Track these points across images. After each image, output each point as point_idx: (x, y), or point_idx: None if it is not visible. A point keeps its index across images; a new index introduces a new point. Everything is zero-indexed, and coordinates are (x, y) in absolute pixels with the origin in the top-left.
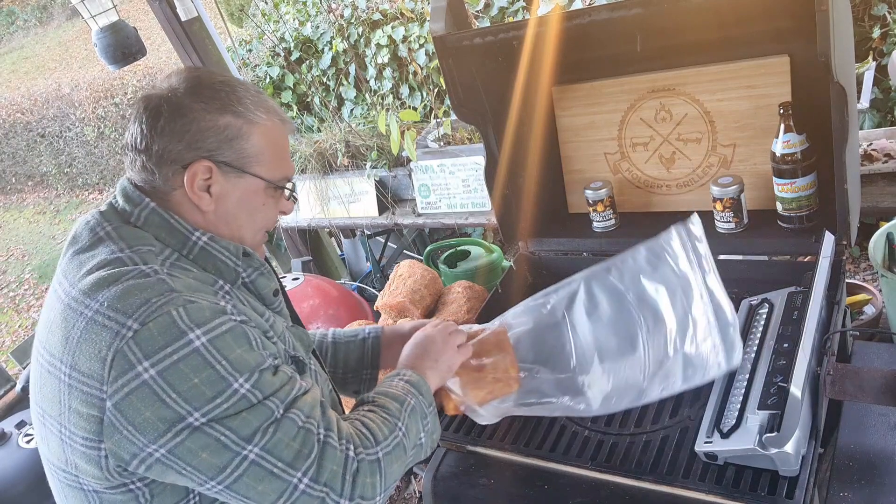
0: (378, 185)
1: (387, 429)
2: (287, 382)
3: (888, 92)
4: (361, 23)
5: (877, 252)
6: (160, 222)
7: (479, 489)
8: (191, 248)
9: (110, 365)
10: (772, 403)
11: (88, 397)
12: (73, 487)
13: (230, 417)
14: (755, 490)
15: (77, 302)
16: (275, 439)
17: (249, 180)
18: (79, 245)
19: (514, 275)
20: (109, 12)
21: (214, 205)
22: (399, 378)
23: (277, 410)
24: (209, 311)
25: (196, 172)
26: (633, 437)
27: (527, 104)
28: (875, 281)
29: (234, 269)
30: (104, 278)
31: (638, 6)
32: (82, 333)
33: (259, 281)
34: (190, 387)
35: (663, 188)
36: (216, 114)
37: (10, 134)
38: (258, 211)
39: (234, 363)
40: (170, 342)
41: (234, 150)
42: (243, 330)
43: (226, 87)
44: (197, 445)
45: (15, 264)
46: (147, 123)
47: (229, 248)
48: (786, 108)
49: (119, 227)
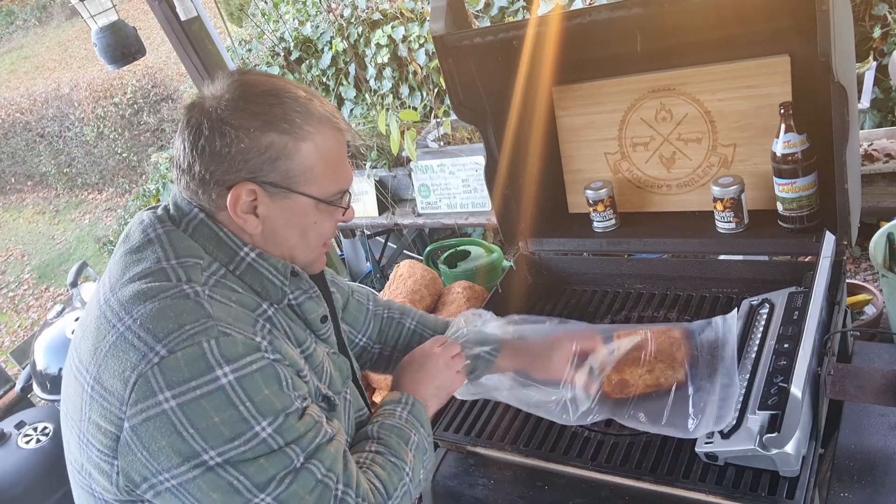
0: (378, 185)
1: (396, 477)
2: (311, 429)
3: (889, 92)
4: (361, 22)
5: (877, 252)
6: (209, 234)
7: (479, 489)
8: (238, 264)
9: (132, 388)
10: (772, 404)
11: (108, 413)
12: (85, 491)
13: (247, 462)
14: (755, 490)
15: (112, 312)
16: (289, 491)
17: (298, 199)
18: (129, 244)
19: (514, 275)
20: (109, 12)
21: (261, 226)
22: (402, 407)
23: (297, 460)
24: (242, 346)
25: (239, 195)
26: (633, 437)
27: (527, 104)
28: (876, 281)
29: (281, 289)
30: (143, 292)
31: (638, 6)
32: (110, 348)
33: (306, 305)
34: (209, 425)
35: (664, 188)
36: (259, 132)
37: (9, 134)
38: (310, 229)
39: (259, 405)
40: (195, 376)
41: (279, 171)
42: (275, 370)
43: (272, 98)
44: (209, 486)
45: (14, 264)
46: (189, 141)
47: (277, 267)
48: (786, 108)
49: (171, 232)
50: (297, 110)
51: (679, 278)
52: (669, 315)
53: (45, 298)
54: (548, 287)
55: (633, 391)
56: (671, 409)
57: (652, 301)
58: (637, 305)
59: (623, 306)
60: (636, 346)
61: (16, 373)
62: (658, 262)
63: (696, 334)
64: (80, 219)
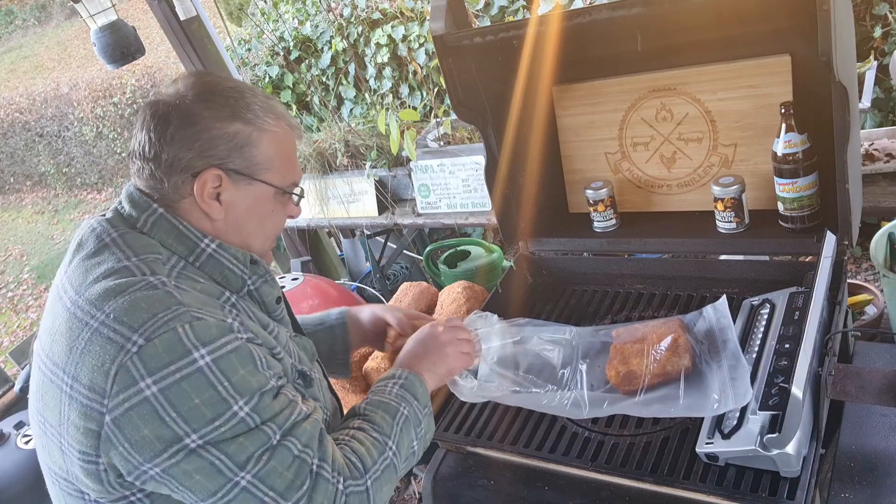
0: (378, 184)
1: (376, 451)
2: (287, 406)
3: (889, 91)
4: (361, 22)
5: (878, 252)
6: (168, 228)
7: (479, 490)
8: (198, 256)
9: (113, 379)
10: (773, 404)
11: (88, 410)
12: (74, 497)
13: (227, 441)
14: (756, 491)
15: (83, 311)
16: (268, 468)
17: (259, 187)
18: (84, 251)
19: (514, 275)
20: (108, 11)
21: (224, 213)
22: (394, 382)
23: (274, 437)
24: (216, 328)
25: (206, 181)
26: (633, 437)
27: (527, 104)
28: (876, 281)
29: (241, 277)
30: (111, 288)
31: (639, 5)
32: (86, 344)
33: (263, 288)
34: (191, 407)
35: (664, 188)
36: (226, 121)
37: (8, 133)
38: (267, 217)
39: (236, 385)
40: (174, 360)
41: (244, 158)
42: (249, 350)
43: (235, 93)
44: (192, 467)
45: (13, 264)
46: (155, 131)
47: (237, 256)
48: (787, 108)
49: (125, 234)
50: (259, 104)
51: (679, 278)
52: (670, 315)
53: (44, 298)
54: (548, 287)
55: (640, 382)
56: (685, 393)
57: (652, 301)
58: (637, 305)
59: (623, 306)
60: (637, 338)
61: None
62: (658, 263)
63: (692, 325)
64: (80, 219)
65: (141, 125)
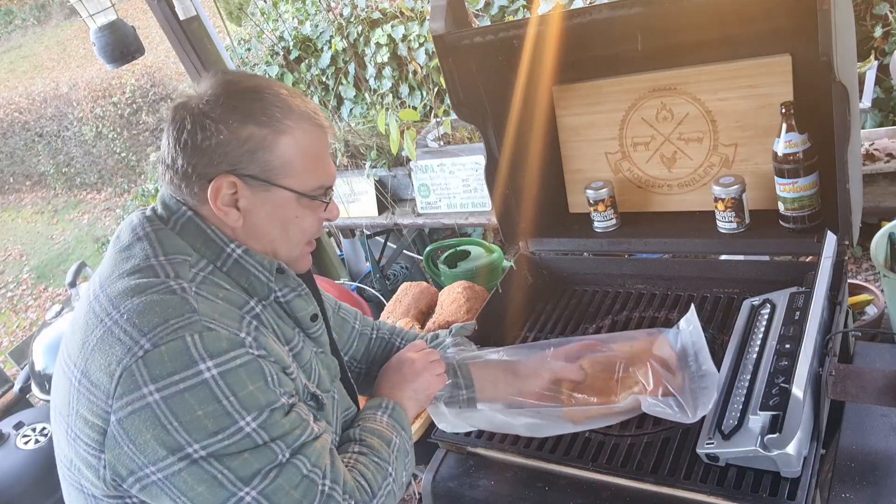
0: (377, 184)
1: (380, 477)
2: (298, 426)
3: (890, 91)
4: (361, 21)
5: (879, 252)
6: (196, 232)
7: (479, 490)
8: (225, 261)
9: (117, 381)
10: (773, 404)
11: (95, 406)
12: (75, 488)
13: (231, 456)
14: (757, 491)
15: (101, 307)
16: (274, 485)
17: (278, 193)
18: (120, 244)
19: (514, 275)
20: (108, 11)
21: (243, 220)
22: (382, 411)
23: (282, 455)
24: (227, 341)
25: (220, 187)
26: (634, 438)
27: (527, 103)
28: (877, 281)
29: (267, 285)
30: (132, 287)
31: (639, 5)
32: (98, 342)
33: (295, 303)
34: (193, 418)
35: (664, 188)
36: (237, 125)
37: (7, 133)
38: (291, 223)
39: (244, 400)
40: (178, 369)
41: (258, 163)
42: (259, 365)
43: (251, 94)
44: (194, 478)
45: (13, 264)
46: (172, 137)
47: (262, 263)
48: (787, 108)
49: (159, 230)
50: (278, 105)
51: (680, 278)
52: (671, 315)
53: (43, 298)
54: (548, 287)
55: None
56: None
57: (652, 301)
58: (637, 305)
59: (623, 306)
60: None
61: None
62: (659, 263)
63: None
64: (79, 219)
65: (166, 129)
